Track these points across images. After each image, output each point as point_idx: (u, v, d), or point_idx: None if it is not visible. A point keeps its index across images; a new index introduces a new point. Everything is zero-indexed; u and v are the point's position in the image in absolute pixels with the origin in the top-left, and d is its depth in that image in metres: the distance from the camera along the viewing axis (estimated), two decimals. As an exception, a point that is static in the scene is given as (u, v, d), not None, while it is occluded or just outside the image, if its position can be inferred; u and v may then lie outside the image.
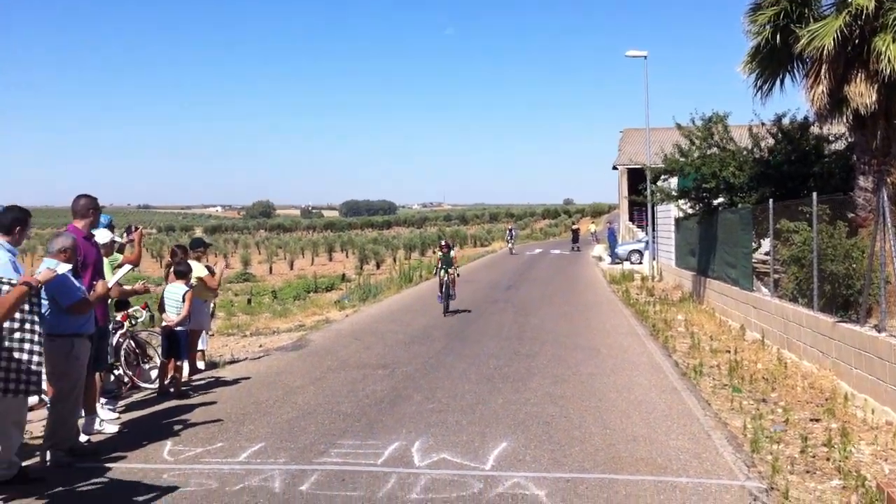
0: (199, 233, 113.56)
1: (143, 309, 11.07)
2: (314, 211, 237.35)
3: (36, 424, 8.45)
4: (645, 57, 32.26)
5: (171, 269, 11.23)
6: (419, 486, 6.76)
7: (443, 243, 21.53)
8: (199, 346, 12.87)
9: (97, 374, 8.69)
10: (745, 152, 20.01)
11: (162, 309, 10.92)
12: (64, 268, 7.15)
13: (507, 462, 7.41)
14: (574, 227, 60.66)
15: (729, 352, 13.31)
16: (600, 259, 43.21)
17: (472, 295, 24.00)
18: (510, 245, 53.53)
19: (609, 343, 14.60)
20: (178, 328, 10.69)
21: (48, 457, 7.46)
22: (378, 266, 46.40)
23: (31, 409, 9.16)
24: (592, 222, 76.38)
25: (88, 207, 8.48)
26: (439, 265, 20.26)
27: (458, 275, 20.89)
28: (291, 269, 49.93)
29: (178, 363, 10.70)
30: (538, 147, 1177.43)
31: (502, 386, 10.80)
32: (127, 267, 8.64)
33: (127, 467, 7.33)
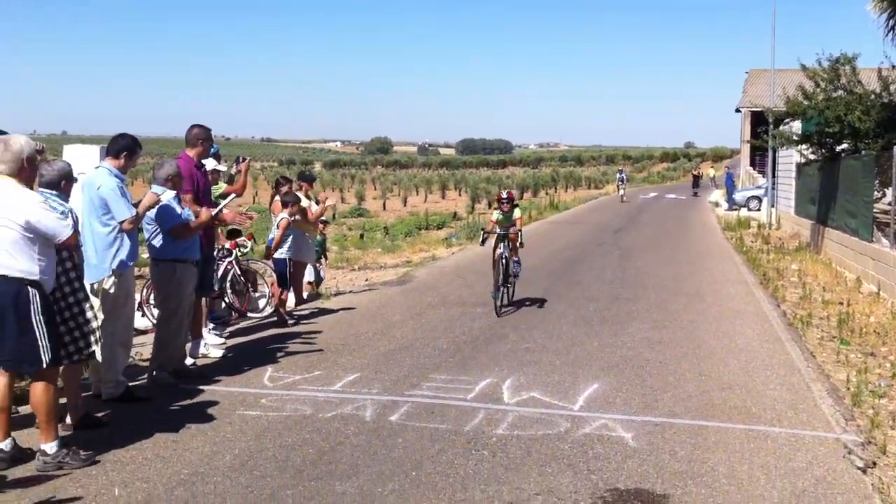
0: (318, 167, 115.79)
1: (249, 239, 11.41)
2: (430, 148, 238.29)
3: (144, 348, 8.87)
4: (773, -6, 30.93)
5: (276, 199, 11.53)
6: (506, 422, 6.85)
7: (503, 195, 12.82)
8: (309, 278, 13.26)
9: (204, 300, 9.07)
10: (872, 96, 19.02)
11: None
12: (168, 195, 7.44)
13: (596, 404, 7.41)
14: (695, 171, 58.76)
15: (842, 304, 12.86)
16: (717, 205, 42.14)
17: (580, 237, 23.82)
18: (621, 191, 46.24)
19: (715, 290, 14.31)
20: (278, 257, 11.03)
21: (154, 376, 7.86)
22: (490, 205, 46.37)
23: (143, 332, 9.66)
24: (712, 167, 74.36)
25: (199, 138, 8.76)
26: (493, 231, 12.38)
27: (521, 244, 12.62)
28: (405, 205, 50.46)
29: (282, 292, 11.05)
30: (659, 88, 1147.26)
31: (599, 329, 10.76)
32: (231, 196, 8.93)
33: (227, 390, 7.65)
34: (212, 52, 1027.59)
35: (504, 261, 11.94)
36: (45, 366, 5.59)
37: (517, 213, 12.52)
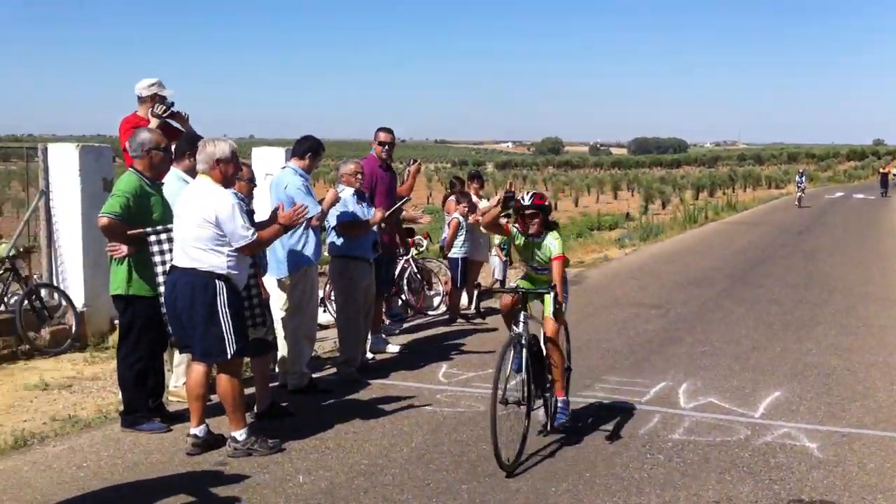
0: (489, 168, 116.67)
1: (425, 238, 11.65)
2: (602, 148, 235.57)
3: (326, 343, 9.22)
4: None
5: (450, 199, 11.72)
6: (682, 426, 6.71)
7: (525, 198, 6.42)
8: (498, 276, 13.42)
9: (383, 297, 9.34)
10: None
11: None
12: (347, 192, 7.74)
13: (778, 411, 7.15)
14: (883, 169, 55.31)
15: None
16: (910, 205, 39.54)
17: (760, 239, 22.96)
18: (798, 192, 39.47)
19: (909, 295, 13.47)
20: (452, 256, 11.20)
21: (337, 370, 8.17)
22: (663, 206, 45.32)
23: (325, 327, 10.05)
24: (903, 165, 69.80)
25: (379, 140, 9.12)
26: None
27: (563, 306, 6.50)
28: (576, 206, 50.05)
29: (456, 290, 11.23)
30: (845, 81, 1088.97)
31: (782, 333, 10.34)
32: (405, 198, 9.19)
33: (405, 385, 7.86)
34: (394, 56, 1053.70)
35: (530, 347, 6.16)
36: (229, 358, 5.83)
37: (554, 244, 6.54)
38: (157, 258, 6.16)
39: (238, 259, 5.89)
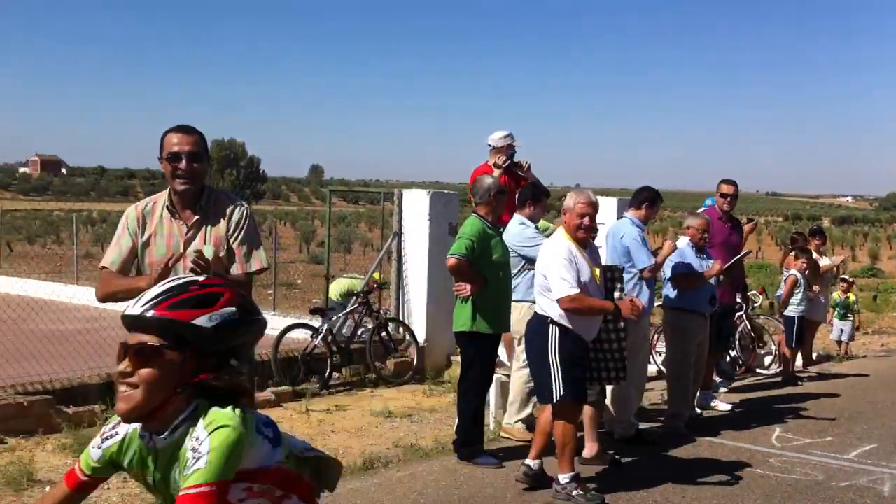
0: (825, 222, 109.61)
1: (760, 294, 11.24)
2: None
3: (652, 393, 9.16)
4: None
5: (790, 255, 11.25)
6: None
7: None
8: (844, 338, 12.77)
9: (716, 353, 9.13)
10: None
11: None
12: (683, 241, 7.71)
13: None
14: None
15: None
16: None
17: None
18: None
19: None
20: (788, 314, 10.71)
21: (667, 423, 8.08)
22: None
23: (651, 378, 9.98)
24: None
25: (728, 191, 9.06)
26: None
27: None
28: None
29: (791, 350, 10.71)
30: None
31: None
32: (745, 252, 8.96)
33: (734, 445, 7.60)
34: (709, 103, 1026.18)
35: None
36: (554, 402, 5.96)
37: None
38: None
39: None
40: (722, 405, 9.00)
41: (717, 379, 9.90)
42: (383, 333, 9.93)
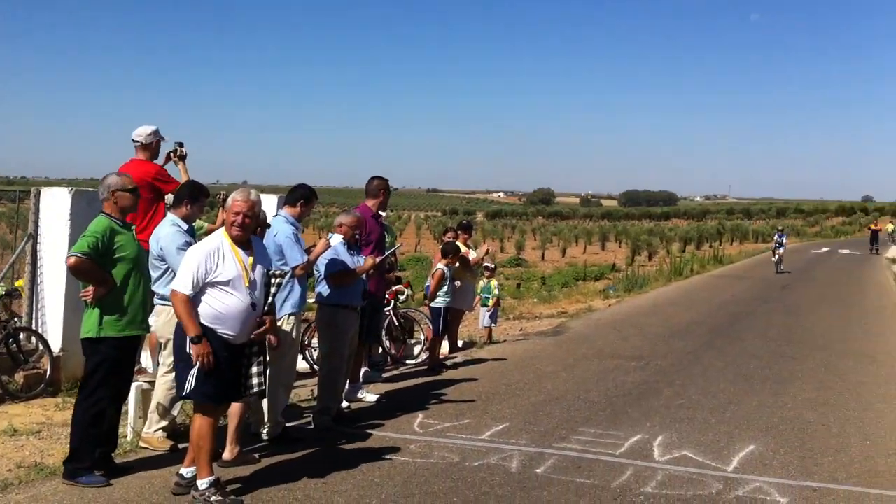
0: (479, 217, 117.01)
1: (406, 287, 11.69)
2: (593, 199, 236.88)
3: (302, 390, 9.19)
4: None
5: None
6: (655, 480, 6.69)
7: None
8: (486, 323, 13.54)
9: (364, 347, 9.33)
10: None
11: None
12: (336, 239, 7.80)
13: (751, 465, 7.14)
14: (873, 226, 55.44)
15: None
16: (894, 262, 39.82)
17: (744, 292, 23.06)
18: (775, 257, 31.58)
19: (888, 351, 13.52)
20: (434, 305, 11.23)
21: (314, 419, 8.11)
22: (650, 258, 45.54)
23: (303, 374, 10.01)
24: (891, 222, 70.34)
25: (380, 188, 9.22)
26: None
27: None
28: (563, 256, 50.21)
29: (435, 339, 11.24)
30: (835, 138, 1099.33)
31: (759, 387, 10.36)
32: (398, 245, 9.28)
33: (379, 434, 7.82)
34: (385, 103, 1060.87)
35: None
36: (189, 397, 5.90)
37: None
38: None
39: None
40: (369, 396, 9.21)
41: (369, 370, 10.15)
42: (12, 344, 9.08)
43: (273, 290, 6.23)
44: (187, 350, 5.79)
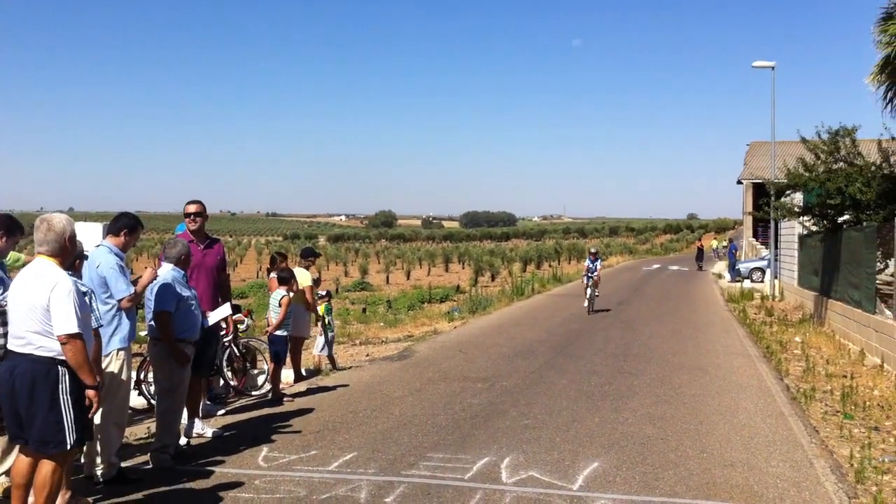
0: (322, 241, 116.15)
1: (246, 316, 11.37)
2: (434, 221, 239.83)
3: (138, 427, 8.77)
4: (772, 68, 31.10)
5: (273, 276, 11.50)
6: (504, 503, 6.71)
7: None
8: (319, 352, 13.27)
9: (203, 379, 8.99)
10: (873, 168, 19.16)
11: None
12: (165, 268, 7.54)
13: (596, 483, 7.28)
14: (698, 243, 58.60)
15: (845, 377, 12.75)
16: (720, 277, 42.11)
17: (582, 310, 23.73)
18: (587, 286, 23.65)
19: (718, 364, 14.19)
20: (276, 334, 10.96)
21: (153, 458, 7.74)
22: (493, 278, 46.37)
23: (138, 411, 9.57)
24: (715, 238, 74.45)
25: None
26: None
27: None
28: (408, 278, 50.48)
29: (278, 369, 10.97)
30: (662, 160, 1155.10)
31: (601, 404, 10.64)
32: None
33: (221, 471, 7.53)
34: (216, 127, 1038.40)
35: None
36: (69, 448, 5.53)
37: None
38: None
39: None
40: (209, 431, 8.87)
41: (209, 404, 9.79)
42: None
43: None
44: (59, 396, 5.51)
